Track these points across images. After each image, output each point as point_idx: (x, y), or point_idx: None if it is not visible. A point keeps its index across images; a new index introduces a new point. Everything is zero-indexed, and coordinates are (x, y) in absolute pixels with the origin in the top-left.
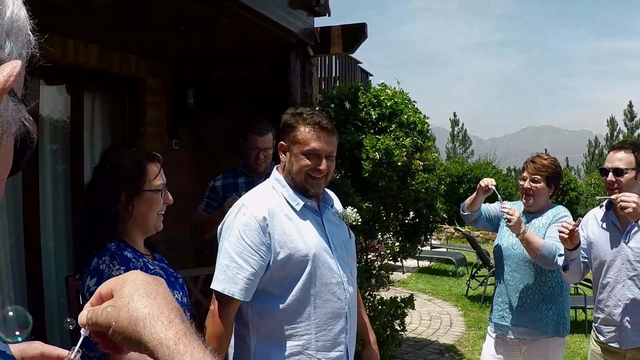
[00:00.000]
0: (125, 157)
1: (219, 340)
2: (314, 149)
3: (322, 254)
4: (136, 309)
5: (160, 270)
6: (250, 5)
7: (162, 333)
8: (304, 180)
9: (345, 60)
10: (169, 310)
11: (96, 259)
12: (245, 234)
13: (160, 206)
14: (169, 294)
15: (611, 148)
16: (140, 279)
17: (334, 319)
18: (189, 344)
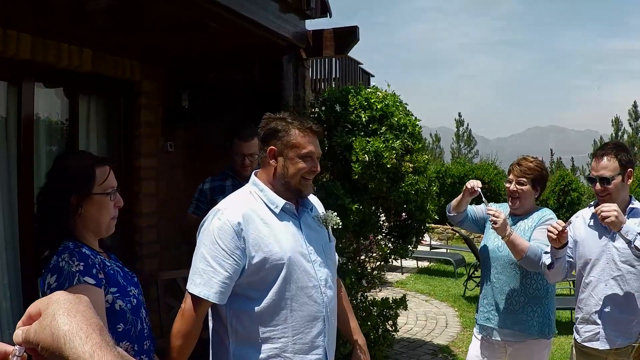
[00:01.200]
0: (74, 161)
1: (185, 338)
2: (310, 152)
3: (298, 257)
4: (57, 327)
5: (117, 268)
6: (239, 11)
7: (80, 347)
8: (298, 183)
9: (345, 61)
10: (87, 326)
11: (55, 257)
12: (220, 238)
13: (111, 209)
14: (89, 310)
15: (594, 155)
16: (63, 299)
17: (311, 322)
18: (103, 356)
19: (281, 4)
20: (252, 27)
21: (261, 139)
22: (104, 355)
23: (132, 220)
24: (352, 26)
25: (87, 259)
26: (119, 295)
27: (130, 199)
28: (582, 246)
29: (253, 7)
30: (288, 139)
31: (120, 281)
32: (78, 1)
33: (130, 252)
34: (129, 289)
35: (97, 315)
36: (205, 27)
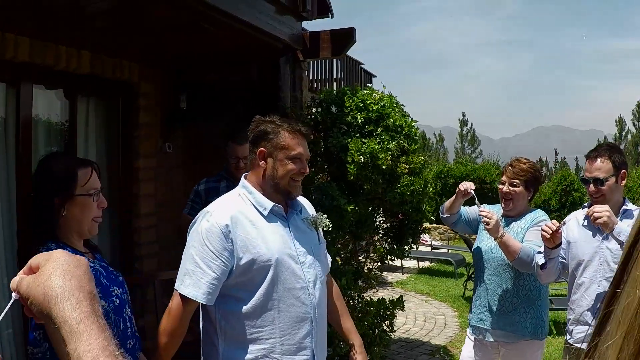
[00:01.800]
0: (56, 163)
1: (171, 336)
2: (299, 153)
3: (286, 259)
4: (51, 287)
5: (100, 268)
6: (234, 14)
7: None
8: (287, 184)
9: (346, 62)
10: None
11: None
12: (208, 240)
13: (94, 210)
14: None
15: (587, 156)
16: (63, 259)
17: (298, 324)
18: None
19: (277, 6)
20: (247, 29)
21: (251, 141)
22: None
23: (131, 220)
24: (349, 28)
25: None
26: (101, 295)
27: (129, 200)
28: (575, 247)
29: (248, 9)
30: (277, 141)
31: (102, 281)
32: (76, 4)
33: (129, 252)
34: (112, 288)
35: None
36: (201, 29)
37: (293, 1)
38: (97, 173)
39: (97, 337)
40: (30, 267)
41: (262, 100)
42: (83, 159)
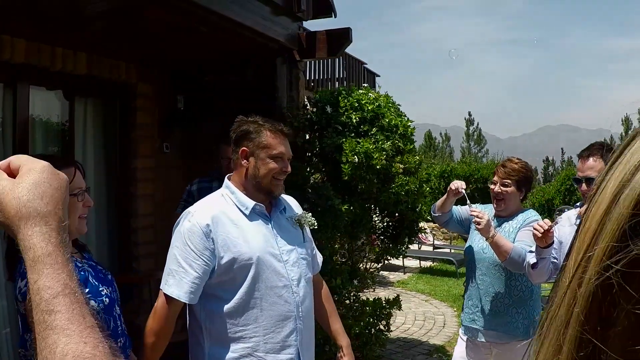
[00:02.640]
0: None
1: (157, 336)
2: (281, 152)
3: (268, 257)
4: (26, 205)
5: (89, 268)
6: (228, 16)
7: (37, 240)
8: (269, 183)
9: (349, 61)
10: (53, 220)
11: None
12: (190, 240)
13: (78, 210)
14: (63, 200)
15: (579, 156)
16: (46, 176)
17: (282, 322)
18: (55, 259)
19: (272, 7)
20: (242, 30)
21: (233, 141)
22: (55, 258)
23: (129, 220)
24: (345, 27)
25: None
26: (90, 296)
27: (127, 200)
28: (566, 247)
29: (242, 11)
30: (259, 140)
31: (92, 281)
32: (72, 7)
33: (127, 252)
34: (101, 288)
35: (66, 208)
36: (195, 31)
37: (288, 2)
38: (81, 173)
39: (61, 273)
40: (9, 166)
41: (259, 100)
42: (66, 158)
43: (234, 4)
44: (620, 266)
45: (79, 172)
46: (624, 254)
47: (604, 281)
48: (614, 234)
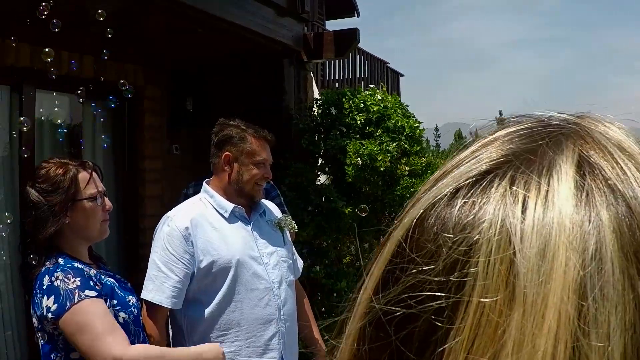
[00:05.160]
0: (54, 168)
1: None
2: (264, 159)
3: (247, 260)
4: None
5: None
6: (231, 20)
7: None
8: (251, 189)
9: (372, 61)
10: None
11: (47, 277)
12: (169, 244)
13: (99, 214)
14: None
15: None
16: None
17: (263, 325)
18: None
19: (276, 9)
20: (246, 33)
21: (215, 145)
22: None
23: (137, 221)
24: (352, 28)
25: (82, 272)
26: (120, 307)
27: (135, 201)
28: None
29: (246, 14)
30: (243, 146)
31: (119, 292)
32: (76, 11)
33: (134, 253)
34: (128, 298)
35: None
36: (200, 35)
37: (291, 3)
38: (98, 175)
39: None
40: None
41: (266, 101)
42: (83, 161)
43: (238, 8)
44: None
45: (97, 174)
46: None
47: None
48: (377, 278)
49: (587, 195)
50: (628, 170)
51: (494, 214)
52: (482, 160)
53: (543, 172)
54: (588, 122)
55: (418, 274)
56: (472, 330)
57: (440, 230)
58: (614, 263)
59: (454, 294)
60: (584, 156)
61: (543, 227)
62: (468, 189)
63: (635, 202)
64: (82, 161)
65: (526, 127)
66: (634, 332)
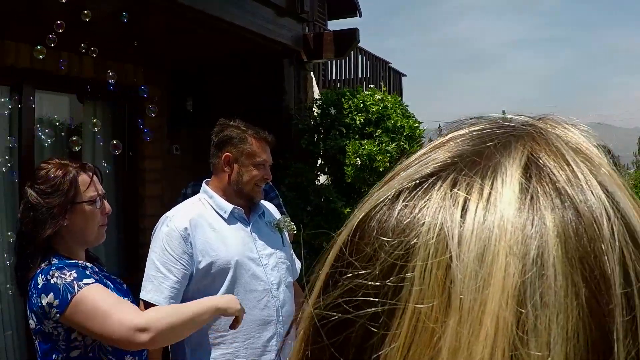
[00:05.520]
0: (53, 170)
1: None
2: (264, 160)
3: (246, 261)
4: None
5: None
6: (230, 20)
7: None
8: (251, 190)
9: (374, 61)
10: None
11: (42, 277)
12: (168, 244)
13: (97, 218)
14: None
15: None
16: None
17: (261, 327)
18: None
19: (275, 9)
20: (246, 33)
21: (215, 145)
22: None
23: (137, 221)
24: (352, 28)
25: (77, 265)
26: None
27: (135, 201)
28: None
29: (245, 15)
30: (244, 147)
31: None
32: (76, 12)
33: (134, 253)
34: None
35: None
36: (200, 35)
37: (290, 3)
38: (98, 178)
39: None
40: None
41: (266, 101)
42: (83, 163)
43: (238, 8)
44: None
45: (96, 177)
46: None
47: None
48: (321, 281)
49: (532, 199)
50: (580, 173)
51: (433, 218)
52: (429, 162)
53: (487, 174)
54: (547, 124)
55: (355, 278)
56: (407, 336)
57: (379, 234)
58: (557, 269)
59: (391, 299)
60: (533, 158)
61: (483, 231)
62: (409, 191)
63: (584, 206)
64: (83, 163)
65: (478, 129)
66: (577, 341)
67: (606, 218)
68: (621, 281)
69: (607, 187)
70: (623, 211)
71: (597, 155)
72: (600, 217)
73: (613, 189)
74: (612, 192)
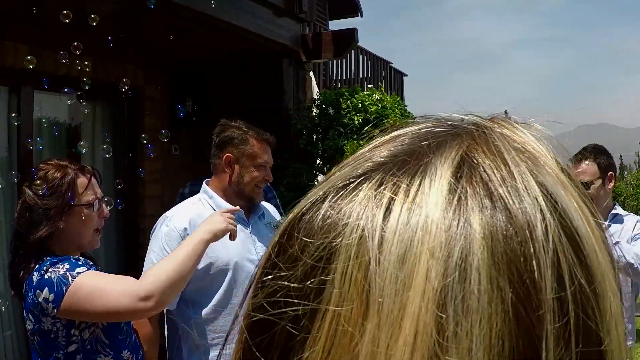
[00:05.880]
0: (52, 171)
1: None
2: (265, 161)
3: (245, 263)
4: None
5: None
6: (229, 21)
7: None
8: (251, 191)
9: (375, 60)
10: None
11: (36, 274)
12: (167, 244)
13: (94, 221)
14: None
15: (572, 160)
16: None
17: None
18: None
19: (273, 10)
20: (244, 33)
21: (216, 145)
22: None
23: (137, 221)
24: (351, 28)
25: (69, 258)
26: None
27: (135, 201)
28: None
29: (244, 15)
30: (245, 148)
31: None
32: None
33: (134, 253)
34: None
35: None
36: (199, 35)
37: (289, 3)
38: (97, 180)
39: None
40: None
41: (266, 101)
42: (82, 165)
43: (237, 8)
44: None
45: (95, 179)
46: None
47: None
48: (255, 282)
49: (459, 199)
50: (518, 173)
51: (355, 219)
52: (362, 163)
53: (417, 174)
54: (494, 123)
55: (278, 280)
56: (327, 340)
57: (304, 235)
58: (481, 272)
59: (313, 301)
60: (467, 157)
61: (406, 232)
62: (337, 192)
63: (516, 207)
64: (82, 165)
65: (418, 128)
66: (502, 349)
67: (540, 219)
68: (554, 286)
69: (548, 188)
70: (564, 212)
71: (545, 155)
72: (534, 218)
73: (555, 190)
74: (553, 192)
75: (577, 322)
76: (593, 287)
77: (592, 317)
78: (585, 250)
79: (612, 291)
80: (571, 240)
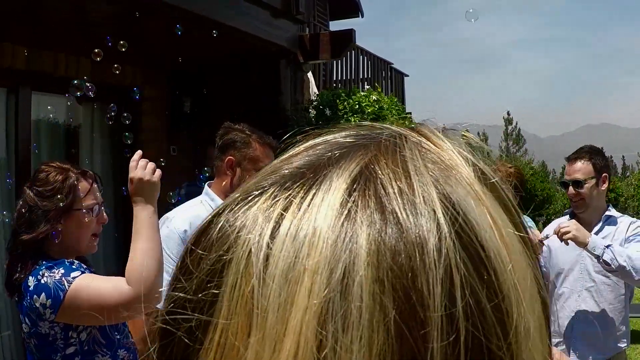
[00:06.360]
0: (53, 173)
1: (144, 343)
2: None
3: None
4: None
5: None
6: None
7: None
8: None
9: (375, 61)
10: None
11: (32, 278)
12: (167, 246)
13: (92, 226)
14: None
15: (568, 159)
16: None
17: None
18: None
19: (270, 11)
20: (241, 35)
21: (218, 148)
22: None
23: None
24: (349, 29)
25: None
26: None
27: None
28: (556, 256)
29: (242, 17)
30: (247, 151)
31: None
32: (74, 14)
33: None
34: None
35: None
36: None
37: (286, 5)
38: (98, 185)
39: None
40: None
41: (264, 102)
42: (84, 169)
43: (231, 9)
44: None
45: (96, 185)
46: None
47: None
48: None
49: (349, 213)
50: (418, 184)
51: (247, 233)
52: (268, 174)
53: (312, 187)
54: (414, 132)
55: (176, 291)
56: (217, 352)
57: (201, 248)
58: (363, 288)
59: (206, 314)
60: (366, 169)
61: (292, 247)
62: (235, 204)
63: (409, 221)
64: (84, 170)
65: (331, 137)
66: None
67: (434, 233)
68: (444, 302)
69: (453, 200)
70: (466, 225)
71: (461, 165)
72: (427, 232)
73: (463, 202)
74: (457, 204)
75: (468, 339)
76: (495, 303)
77: (491, 335)
78: (491, 265)
79: (529, 308)
80: (471, 255)
